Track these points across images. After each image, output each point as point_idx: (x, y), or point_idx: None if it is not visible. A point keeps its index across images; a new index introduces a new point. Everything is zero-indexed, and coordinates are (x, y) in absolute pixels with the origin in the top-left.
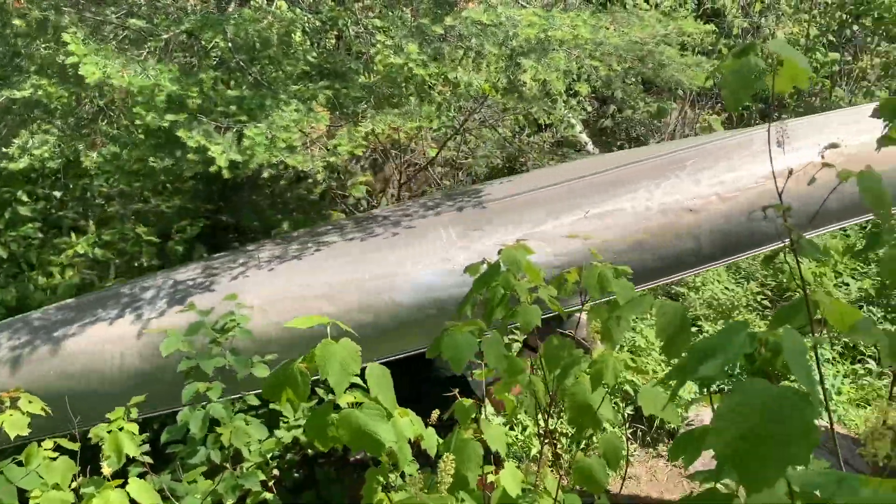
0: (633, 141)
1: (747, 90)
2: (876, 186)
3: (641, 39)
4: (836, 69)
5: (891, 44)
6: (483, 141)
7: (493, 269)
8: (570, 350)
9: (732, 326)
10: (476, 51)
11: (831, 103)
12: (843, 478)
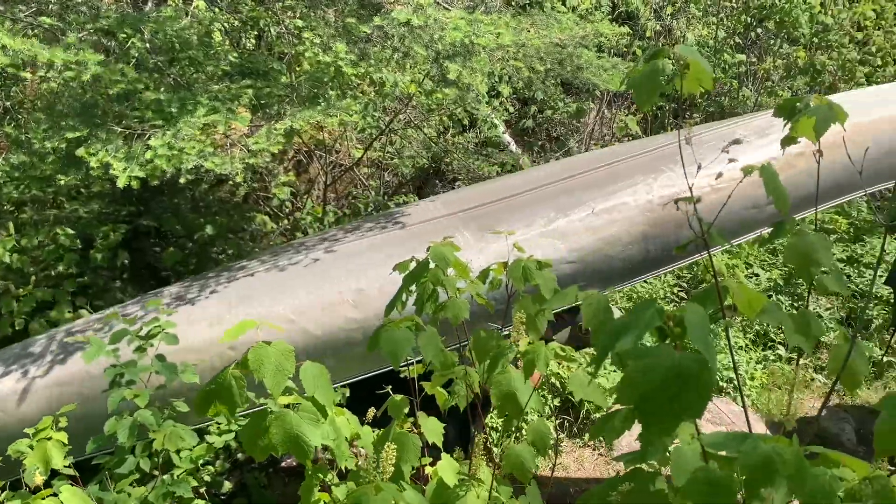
0: (555, 140)
1: (656, 90)
2: (775, 181)
3: (561, 42)
4: (742, 70)
5: (792, 45)
6: (409, 141)
7: (422, 267)
8: (499, 341)
9: (642, 304)
10: (403, 52)
11: (739, 102)
12: (746, 436)
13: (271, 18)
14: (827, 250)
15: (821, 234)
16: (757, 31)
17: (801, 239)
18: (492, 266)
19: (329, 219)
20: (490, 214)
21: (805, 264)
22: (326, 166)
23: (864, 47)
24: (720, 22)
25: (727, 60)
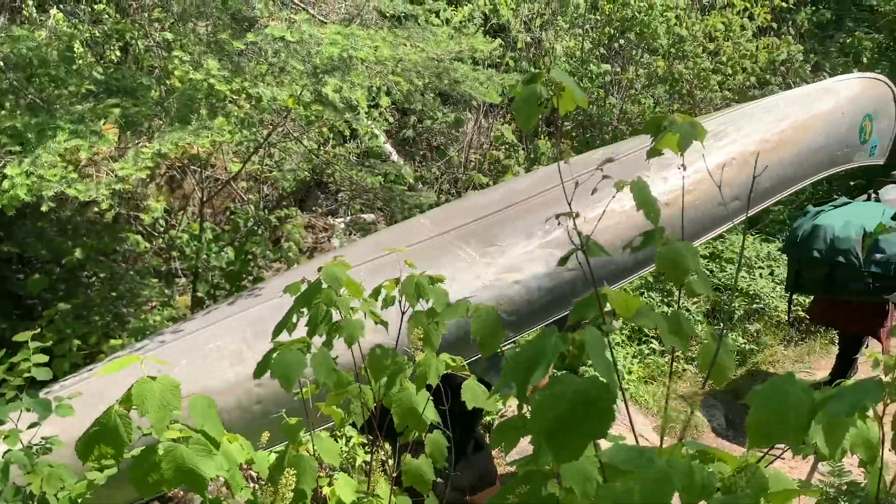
0: (435, 150)
1: (535, 113)
2: (645, 192)
3: (437, 56)
4: (608, 79)
5: (652, 56)
6: (288, 154)
7: (313, 287)
8: (394, 358)
9: (543, 333)
10: (280, 67)
11: (606, 111)
12: (642, 451)
13: (138, 31)
14: (694, 256)
15: (687, 243)
16: (620, 42)
17: (670, 247)
18: (383, 283)
19: (207, 236)
20: (487, 229)
21: (674, 270)
22: (202, 181)
23: (715, 57)
24: (586, 34)
25: (593, 70)
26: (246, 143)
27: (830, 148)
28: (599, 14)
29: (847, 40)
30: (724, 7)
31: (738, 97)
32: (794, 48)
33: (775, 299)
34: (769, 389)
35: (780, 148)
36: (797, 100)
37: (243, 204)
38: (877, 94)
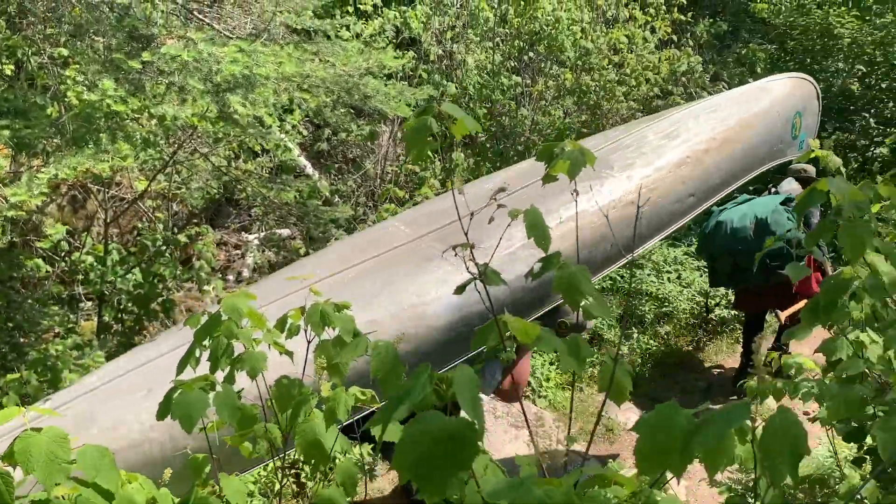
0: (351, 162)
1: (426, 145)
2: (538, 220)
3: (346, 72)
4: (519, 91)
5: (560, 68)
6: (197, 171)
7: (213, 320)
8: (300, 389)
9: (418, 370)
10: (180, 86)
11: (517, 122)
12: (521, 483)
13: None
14: (588, 281)
15: (581, 267)
16: (529, 54)
17: (566, 272)
18: (289, 312)
19: (113, 258)
20: (452, 236)
21: (570, 293)
22: (105, 201)
23: (620, 69)
24: (496, 46)
25: (505, 82)
26: (151, 162)
27: (769, 143)
28: (509, 27)
29: (743, 51)
30: (627, 21)
31: (643, 107)
32: (693, 59)
33: (683, 302)
34: (654, 419)
35: (727, 145)
36: (738, 99)
37: (151, 223)
38: (804, 92)
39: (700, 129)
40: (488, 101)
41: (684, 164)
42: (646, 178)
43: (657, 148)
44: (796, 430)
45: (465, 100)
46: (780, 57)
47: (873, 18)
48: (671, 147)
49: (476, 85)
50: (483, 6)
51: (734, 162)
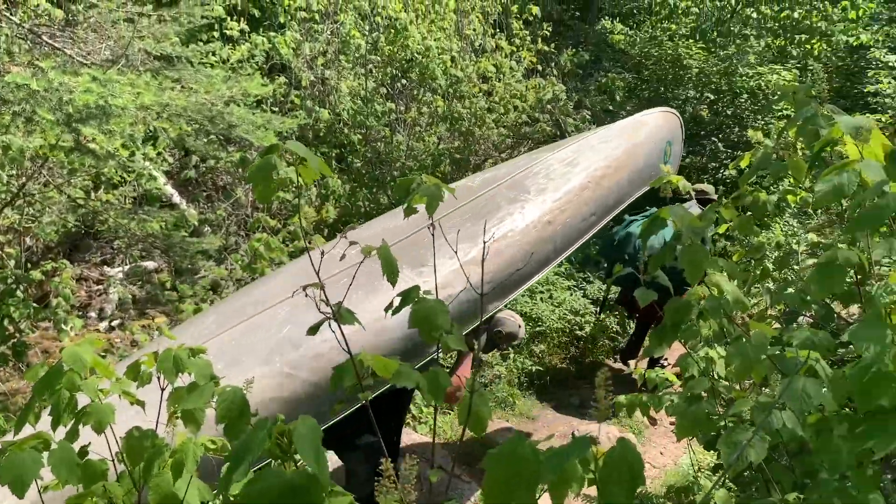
0: (221, 190)
1: (272, 185)
2: (388, 257)
3: (209, 100)
4: (393, 117)
5: (433, 94)
6: (50, 204)
7: (54, 372)
8: (154, 440)
9: (257, 424)
10: (27, 116)
11: (393, 148)
12: None
13: None
14: (445, 314)
15: (439, 301)
16: (402, 81)
17: (422, 305)
18: (141, 359)
19: None
20: (412, 249)
21: (428, 327)
22: None
23: (490, 97)
24: (369, 73)
25: (378, 109)
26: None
27: (648, 169)
28: (381, 55)
29: (603, 80)
30: (494, 50)
31: (512, 134)
32: (558, 88)
33: (555, 321)
34: (501, 453)
35: (618, 171)
36: (622, 132)
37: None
38: (672, 124)
39: (596, 158)
40: (363, 126)
41: (586, 188)
42: (557, 200)
43: (563, 174)
44: (633, 460)
45: (339, 125)
46: (636, 85)
47: (717, 50)
48: (574, 173)
49: (350, 111)
50: (354, 34)
51: (623, 185)
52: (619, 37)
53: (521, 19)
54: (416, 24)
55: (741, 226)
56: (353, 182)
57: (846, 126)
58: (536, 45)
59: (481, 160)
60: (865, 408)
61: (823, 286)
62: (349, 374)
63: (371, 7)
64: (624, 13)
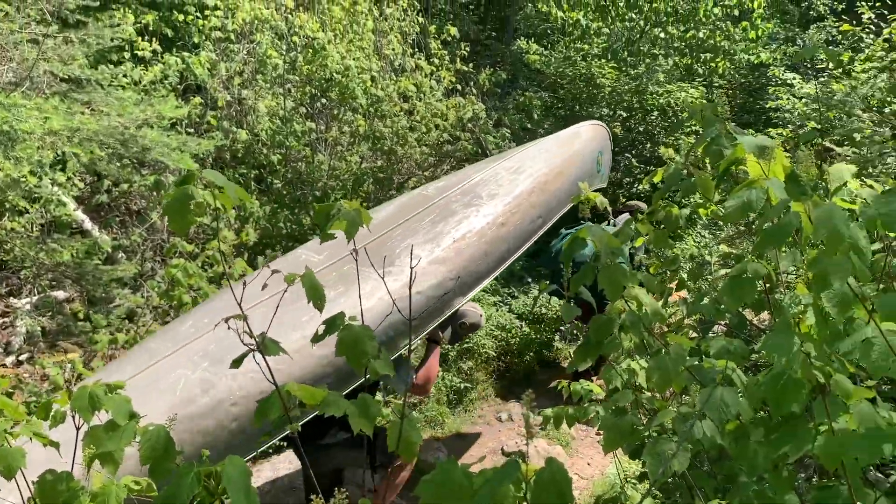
0: (135, 215)
1: (189, 216)
2: (314, 283)
3: (122, 123)
4: (314, 137)
5: (354, 114)
6: None
7: None
8: (69, 483)
9: (183, 468)
10: None
11: (314, 168)
12: None
13: None
14: (371, 339)
15: (365, 327)
16: (322, 101)
17: (349, 332)
18: (55, 397)
19: None
20: (377, 252)
21: (355, 353)
22: None
23: (411, 116)
24: (287, 93)
25: (298, 129)
26: None
27: (584, 176)
28: (299, 74)
29: (521, 98)
30: (414, 70)
31: (434, 152)
32: (477, 107)
33: (482, 338)
34: (434, 480)
35: (558, 177)
36: (560, 142)
37: None
38: (602, 136)
39: (538, 166)
40: (282, 146)
41: (533, 193)
42: (507, 203)
43: (511, 181)
44: (562, 479)
45: (257, 146)
46: (553, 104)
47: (628, 70)
48: (521, 180)
49: (268, 131)
50: (271, 53)
51: (563, 190)
52: (535, 57)
53: (439, 39)
54: (334, 43)
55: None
56: (274, 203)
57: (748, 146)
58: (455, 64)
59: (404, 179)
60: (778, 414)
61: (735, 297)
62: (276, 407)
63: (288, 27)
64: (539, 33)
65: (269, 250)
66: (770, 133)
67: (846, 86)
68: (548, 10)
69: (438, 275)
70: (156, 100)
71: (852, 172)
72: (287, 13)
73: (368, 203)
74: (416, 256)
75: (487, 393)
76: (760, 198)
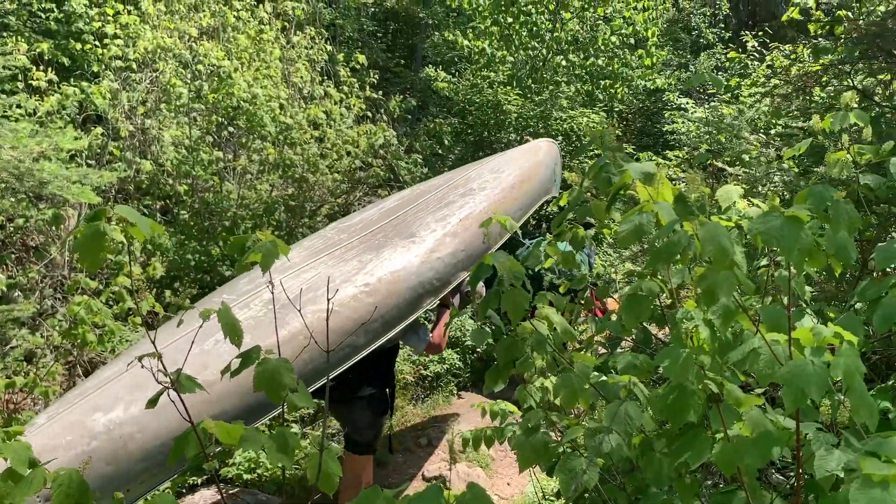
0: (32, 251)
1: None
2: (229, 318)
3: (15, 157)
4: (222, 166)
5: (263, 142)
6: None
7: None
8: None
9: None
10: None
11: (222, 197)
12: None
13: None
14: (289, 372)
15: (283, 360)
16: (229, 129)
17: (265, 366)
18: None
19: None
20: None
21: (273, 388)
22: None
23: (322, 143)
24: (193, 122)
25: (205, 158)
26: None
27: (544, 185)
28: (205, 103)
29: (431, 125)
30: (323, 98)
31: (346, 179)
32: (388, 133)
33: (401, 363)
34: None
35: (530, 179)
36: (523, 155)
37: None
38: (554, 150)
39: (513, 169)
40: (189, 176)
41: (514, 188)
42: (496, 194)
43: (494, 178)
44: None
45: (163, 176)
46: (463, 129)
47: (533, 96)
48: (502, 178)
49: (174, 161)
50: (175, 82)
51: (534, 191)
52: (443, 84)
53: (348, 67)
54: (240, 71)
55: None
56: (181, 235)
57: (635, 172)
58: (364, 91)
59: (317, 206)
60: (677, 424)
61: (632, 314)
62: (193, 445)
63: (192, 55)
64: (447, 61)
65: (178, 283)
66: (667, 154)
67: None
68: (454, 39)
69: (451, 246)
70: (52, 131)
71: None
72: (191, 42)
73: (280, 232)
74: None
75: (406, 419)
76: (650, 221)
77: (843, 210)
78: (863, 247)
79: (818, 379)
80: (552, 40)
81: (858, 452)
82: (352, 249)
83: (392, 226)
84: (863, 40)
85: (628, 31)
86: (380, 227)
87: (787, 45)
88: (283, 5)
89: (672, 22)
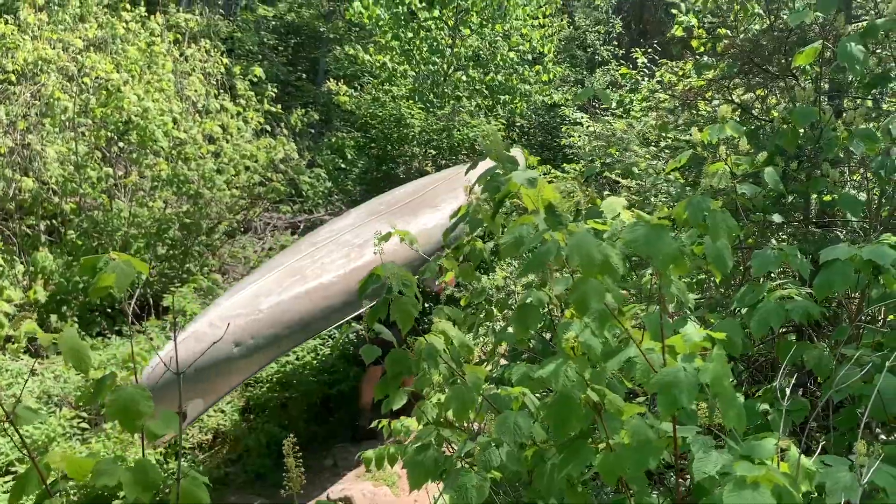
0: None
1: None
2: (78, 345)
3: None
4: (112, 183)
5: (155, 157)
6: None
7: None
8: None
9: None
10: None
11: (112, 215)
12: None
13: None
14: (146, 401)
15: (140, 388)
16: (119, 145)
17: (121, 394)
18: None
19: None
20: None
21: (127, 416)
22: None
23: (218, 158)
24: (80, 137)
25: (92, 175)
26: None
27: None
28: (92, 117)
29: (333, 139)
30: (220, 111)
31: (246, 194)
32: (289, 147)
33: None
34: None
35: None
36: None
37: None
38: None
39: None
40: (76, 194)
41: None
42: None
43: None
44: None
45: (47, 194)
46: (366, 143)
47: (435, 110)
48: (443, 208)
49: (59, 178)
50: (59, 95)
51: None
52: (345, 98)
53: (245, 79)
54: (131, 85)
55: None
56: (69, 256)
57: (519, 178)
58: (263, 105)
59: (214, 223)
60: (562, 434)
61: (522, 324)
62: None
63: (78, 68)
64: (350, 75)
65: (66, 307)
66: (565, 168)
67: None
68: (354, 54)
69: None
70: None
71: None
72: (77, 53)
73: (175, 251)
74: None
75: (310, 439)
76: (531, 233)
77: (721, 219)
78: (745, 254)
79: (688, 386)
80: (452, 56)
81: (735, 455)
82: (394, 215)
83: (420, 199)
84: (740, 57)
85: (525, 48)
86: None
87: (674, 62)
88: (175, 17)
89: (569, 39)
